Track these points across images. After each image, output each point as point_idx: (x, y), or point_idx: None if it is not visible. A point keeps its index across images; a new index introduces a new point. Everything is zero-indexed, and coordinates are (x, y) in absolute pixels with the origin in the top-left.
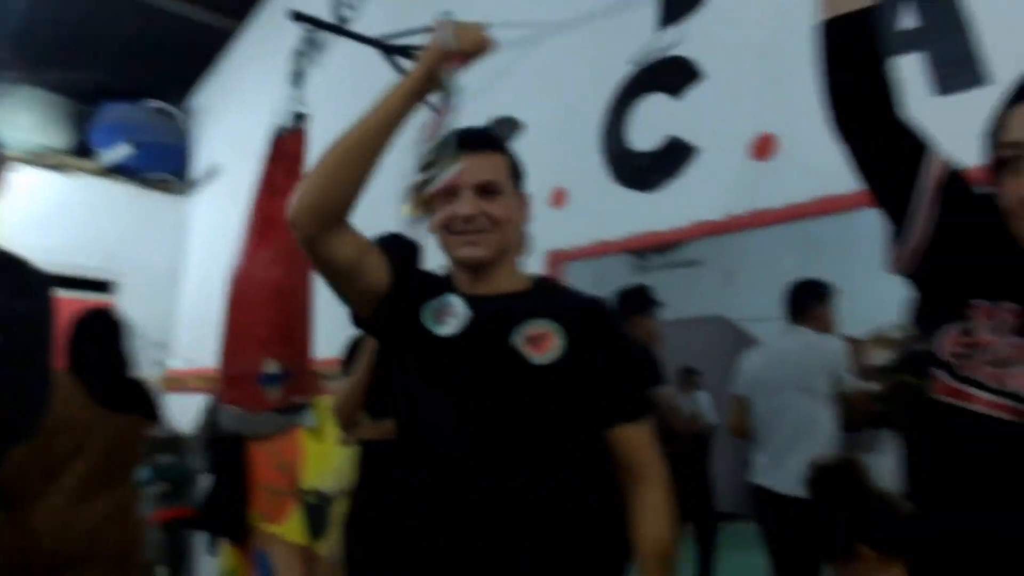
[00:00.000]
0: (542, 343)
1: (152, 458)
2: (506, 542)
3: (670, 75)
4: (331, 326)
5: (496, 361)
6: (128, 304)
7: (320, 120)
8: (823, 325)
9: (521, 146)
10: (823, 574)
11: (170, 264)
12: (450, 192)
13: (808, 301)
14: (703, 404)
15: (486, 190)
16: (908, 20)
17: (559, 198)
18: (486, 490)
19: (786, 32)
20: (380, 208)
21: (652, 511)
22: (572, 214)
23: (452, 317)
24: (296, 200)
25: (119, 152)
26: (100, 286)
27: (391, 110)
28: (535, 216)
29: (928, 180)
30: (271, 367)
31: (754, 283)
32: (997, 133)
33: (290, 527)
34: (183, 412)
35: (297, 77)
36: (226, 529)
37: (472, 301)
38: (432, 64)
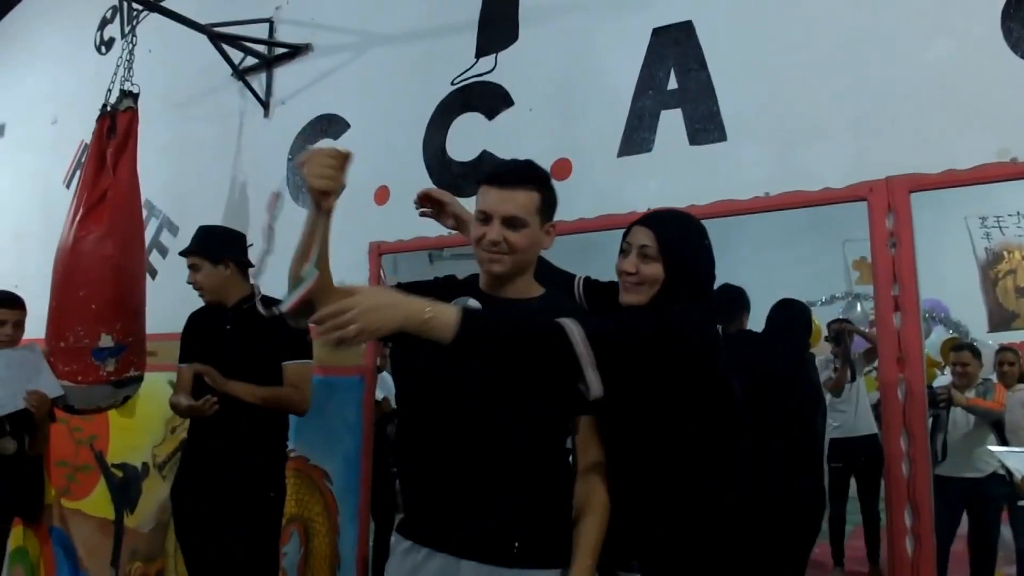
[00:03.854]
0: None
1: None
2: (509, 500)
3: (485, 98)
4: (162, 302)
5: None
6: None
7: (147, 97)
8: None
9: (347, 143)
10: None
11: None
12: (485, 217)
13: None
14: None
15: (511, 222)
16: (671, 83)
17: (382, 195)
18: (485, 456)
19: (580, 74)
20: None
21: (593, 506)
22: (393, 210)
23: None
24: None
25: None
26: None
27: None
28: (359, 209)
29: None
30: (105, 341)
31: None
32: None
33: (93, 501)
34: None
35: (105, 45)
36: (17, 507)
37: (491, 301)
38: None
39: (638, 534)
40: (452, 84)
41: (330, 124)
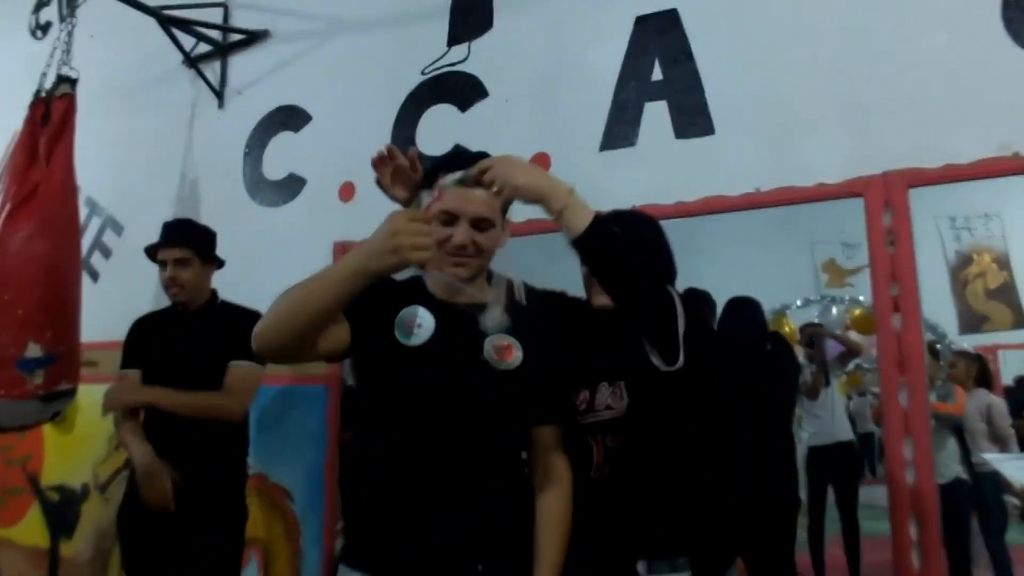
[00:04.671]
0: (506, 353)
1: None
2: (467, 523)
3: (458, 89)
4: (104, 307)
5: (467, 365)
6: None
7: (88, 85)
8: None
9: (309, 137)
10: None
11: None
12: (450, 218)
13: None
14: None
15: (480, 224)
16: (656, 74)
17: (347, 192)
18: (456, 476)
19: (559, 64)
20: None
21: (556, 521)
22: (359, 208)
23: (419, 328)
24: (260, 339)
25: None
26: None
27: (344, 288)
28: (323, 206)
29: None
30: (33, 350)
31: None
32: None
33: (25, 528)
34: None
35: (41, 29)
36: None
37: (445, 308)
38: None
39: (638, 534)
40: (423, 74)
41: (290, 116)
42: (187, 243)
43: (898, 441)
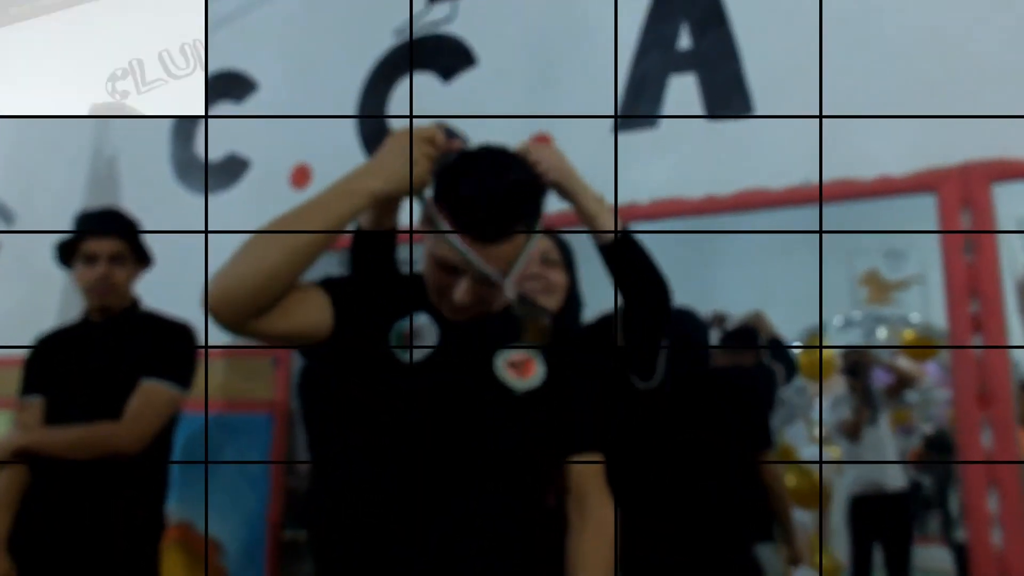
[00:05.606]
0: (525, 369)
1: None
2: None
3: (440, 54)
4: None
5: (476, 386)
6: None
7: None
8: None
9: (254, 109)
10: None
11: None
12: (451, 267)
13: None
14: None
15: (488, 280)
16: (684, 41)
17: (301, 176)
18: (460, 508)
19: (564, 27)
20: None
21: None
22: None
23: (420, 341)
24: (217, 294)
25: None
26: None
27: (340, 211)
28: (270, 193)
29: None
30: None
31: None
32: None
33: None
34: None
35: None
36: None
37: (447, 321)
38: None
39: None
40: (396, 34)
41: (230, 83)
42: (124, 235)
43: (980, 493)
